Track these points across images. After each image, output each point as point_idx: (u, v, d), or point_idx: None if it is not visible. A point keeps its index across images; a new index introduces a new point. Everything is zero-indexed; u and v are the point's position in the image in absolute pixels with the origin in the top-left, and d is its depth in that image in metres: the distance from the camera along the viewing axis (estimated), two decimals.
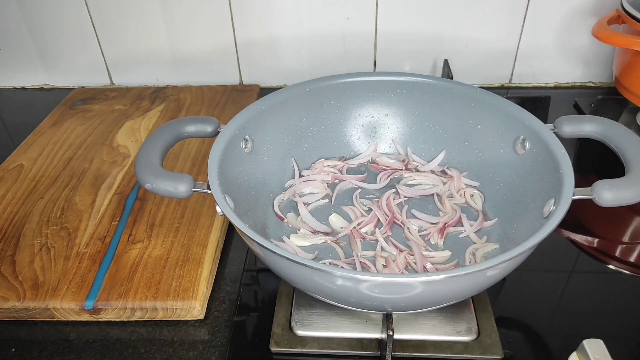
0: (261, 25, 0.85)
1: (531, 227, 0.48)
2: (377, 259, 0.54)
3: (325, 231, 0.58)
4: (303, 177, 0.64)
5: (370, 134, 0.67)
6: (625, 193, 0.44)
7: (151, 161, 0.49)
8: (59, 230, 0.60)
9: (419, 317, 0.50)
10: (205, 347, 0.50)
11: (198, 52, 0.89)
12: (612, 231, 0.63)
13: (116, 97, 0.87)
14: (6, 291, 0.52)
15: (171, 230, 0.59)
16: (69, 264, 0.55)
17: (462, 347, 0.48)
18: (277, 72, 0.90)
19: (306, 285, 0.46)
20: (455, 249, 0.55)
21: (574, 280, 0.56)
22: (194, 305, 0.51)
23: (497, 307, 0.52)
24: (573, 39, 0.84)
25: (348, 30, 0.84)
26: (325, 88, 0.62)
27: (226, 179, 0.51)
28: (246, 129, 0.57)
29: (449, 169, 0.64)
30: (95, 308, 0.51)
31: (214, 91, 0.87)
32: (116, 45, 0.89)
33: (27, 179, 0.68)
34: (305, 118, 0.63)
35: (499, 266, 0.40)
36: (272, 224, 0.59)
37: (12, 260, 0.56)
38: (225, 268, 0.58)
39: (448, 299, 0.46)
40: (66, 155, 0.72)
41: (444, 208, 0.60)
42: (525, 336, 0.50)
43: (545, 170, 0.50)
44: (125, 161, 0.71)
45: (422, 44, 0.85)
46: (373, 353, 0.48)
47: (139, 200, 0.64)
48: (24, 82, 0.96)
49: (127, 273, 0.54)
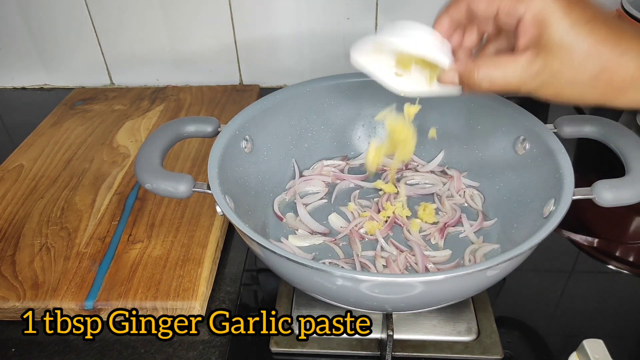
0: (261, 25, 0.85)
1: (531, 227, 0.48)
2: (377, 259, 0.54)
3: (323, 232, 0.58)
4: (303, 177, 0.64)
5: (370, 134, 0.67)
6: (625, 193, 0.44)
7: (151, 161, 0.49)
8: (59, 230, 0.60)
9: (419, 317, 0.50)
10: (205, 347, 0.50)
11: (198, 52, 0.89)
12: (612, 231, 0.63)
13: (116, 97, 0.87)
14: (6, 291, 0.52)
15: (171, 230, 0.59)
16: (69, 264, 0.55)
17: (462, 347, 0.48)
18: (277, 72, 0.90)
19: (306, 285, 0.46)
20: (456, 249, 0.55)
21: (574, 280, 0.56)
22: (194, 305, 0.51)
23: (497, 307, 0.52)
24: None
25: (348, 30, 0.84)
26: (325, 88, 0.62)
27: (226, 179, 0.51)
28: (246, 129, 0.57)
29: (449, 169, 0.64)
30: (95, 308, 0.51)
31: (214, 91, 0.87)
32: (116, 45, 0.89)
33: (27, 179, 0.68)
34: (305, 118, 0.63)
35: (499, 266, 0.40)
36: (272, 224, 0.59)
37: (12, 260, 0.56)
38: (225, 268, 0.58)
39: (448, 299, 0.46)
40: (66, 156, 0.72)
41: (444, 208, 0.60)
42: (525, 336, 0.50)
43: (545, 170, 0.50)
44: (125, 161, 0.71)
45: None
46: (373, 353, 0.48)
47: (139, 200, 0.64)
48: (24, 82, 0.96)
49: (127, 273, 0.54)
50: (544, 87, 0.39)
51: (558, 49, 0.37)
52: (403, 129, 0.53)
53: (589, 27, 0.36)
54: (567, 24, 0.36)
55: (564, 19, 0.36)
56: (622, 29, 0.37)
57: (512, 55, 0.39)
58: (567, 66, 0.37)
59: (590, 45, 0.36)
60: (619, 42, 0.36)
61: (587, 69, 0.37)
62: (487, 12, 0.39)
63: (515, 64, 0.39)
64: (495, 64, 0.40)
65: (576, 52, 0.37)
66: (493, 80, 0.40)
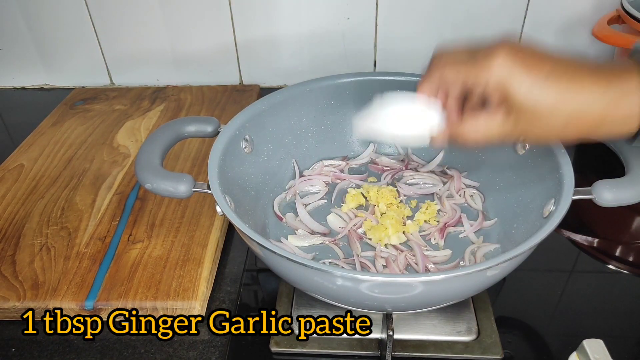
0: (261, 25, 0.85)
1: (531, 227, 0.48)
2: (377, 259, 0.54)
3: (323, 232, 0.58)
4: (303, 177, 0.64)
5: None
6: (625, 193, 0.44)
7: (151, 161, 0.49)
8: (59, 230, 0.60)
9: (419, 317, 0.50)
10: (205, 347, 0.50)
11: (198, 52, 0.89)
12: (612, 231, 0.63)
13: (116, 97, 0.87)
14: (6, 291, 0.52)
15: (171, 230, 0.59)
16: (69, 264, 0.55)
17: (462, 347, 0.48)
18: (277, 72, 0.90)
19: (306, 285, 0.46)
20: (456, 249, 0.55)
21: (574, 280, 0.56)
22: (194, 305, 0.51)
23: (497, 307, 0.52)
24: (573, 39, 0.84)
25: (348, 30, 0.84)
26: (325, 88, 0.62)
27: (226, 179, 0.51)
28: (246, 129, 0.57)
29: (449, 169, 0.64)
30: (95, 308, 0.51)
31: (214, 91, 0.87)
32: (116, 45, 0.89)
33: (28, 179, 0.68)
34: (305, 118, 0.63)
35: (499, 266, 0.40)
36: (272, 224, 0.59)
37: (12, 260, 0.56)
38: (225, 268, 0.58)
39: (448, 299, 0.46)
40: (66, 155, 0.72)
41: (444, 208, 0.60)
42: (525, 336, 0.50)
43: (545, 170, 0.50)
44: (125, 161, 0.71)
45: (422, 44, 0.85)
46: (373, 353, 0.48)
47: (139, 200, 0.64)
48: (24, 82, 0.96)
49: (127, 273, 0.54)
50: (524, 136, 0.43)
51: (524, 110, 0.39)
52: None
53: (549, 84, 0.38)
54: (527, 85, 0.38)
55: (523, 81, 0.38)
56: (581, 73, 0.38)
57: (489, 114, 0.42)
58: (536, 123, 0.39)
59: (553, 102, 0.38)
60: (580, 90, 0.38)
61: (555, 122, 0.39)
62: (457, 80, 0.42)
63: (493, 121, 0.41)
64: (477, 122, 0.42)
65: (540, 111, 0.39)
66: (478, 136, 0.43)
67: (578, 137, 0.40)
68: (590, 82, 0.38)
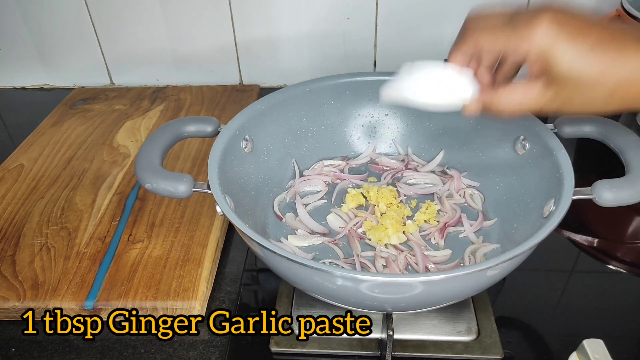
0: (261, 25, 0.85)
1: (531, 227, 0.48)
2: (377, 259, 0.54)
3: (322, 232, 0.58)
4: (304, 177, 0.64)
5: (370, 134, 0.67)
6: (625, 193, 0.44)
7: (151, 161, 0.49)
8: (59, 230, 0.60)
9: (419, 317, 0.50)
10: (205, 347, 0.50)
11: (198, 52, 0.89)
12: (612, 231, 0.63)
13: (116, 97, 0.87)
14: (6, 291, 0.52)
15: (171, 230, 0.59)
16: (69, 263, 0.55)
17: (462, 347, 0.48)
18: (277, 72, 0.90)
19: (306, 285, 0.46)
20: (456, 249, 0.55)
21: (574, 280, 0.56)
22: (194, 305, 0.51)
23: (497, 307, 0.52)
24: None
25: (348, 30, 0.84)
26: (325, 88, 0.62)
27: (226, 179, 0.51)
28: (246, 129, 0.57)
29: (449, 169, 0.64)
30: (95, 308, 0.51)
31: (214, 91, 0.87)
32: (116, 45, 0.89)
33: (28, 179, 0.68)
34: (306, 118, 0.63)
35: (499, 266, 0.40)
36: (272, 224, 0.59)
37: (12, 260, 0.56)
38: (225, 268, 0.58)
39: (448, 299, 0.46)
40: (66, 155, 0.72)
41: (444, 208, 0.60)
42: (525, 336, 0.50)
43: (545, 170, 0.50)
44: (125, 161, 0.71)
45: (422, 44, 0.85)
46: (373, 353, 0.48)
47: (139, 200, 0.64)
48: (24, 82, 0.96)
49: (127, 273, 0.54)
50: (563, 108, 0.40)
51: (566, 81, 0.37)
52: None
53: (594, 54, 0.36)
54: (571, 55, 0.36)
55: (567, 51, 0.36)
56: (627, 42, 0.36)
57: (527, 83, 0.40)
58: (579, 94, 0.37)
59: (598, 72, 0.36)
60: (627, 60, 0.36)
61: (599, 93, 0.37)
62: (494, 48, 0.40)
63: (531, 92, 0.39)
64: (513, 92, 0.40)
65: (584, 81, 0.36)
66: (514, 107, 0.41)
67: (622, 108, 0.38)
68: (637, 51, 0.36)
